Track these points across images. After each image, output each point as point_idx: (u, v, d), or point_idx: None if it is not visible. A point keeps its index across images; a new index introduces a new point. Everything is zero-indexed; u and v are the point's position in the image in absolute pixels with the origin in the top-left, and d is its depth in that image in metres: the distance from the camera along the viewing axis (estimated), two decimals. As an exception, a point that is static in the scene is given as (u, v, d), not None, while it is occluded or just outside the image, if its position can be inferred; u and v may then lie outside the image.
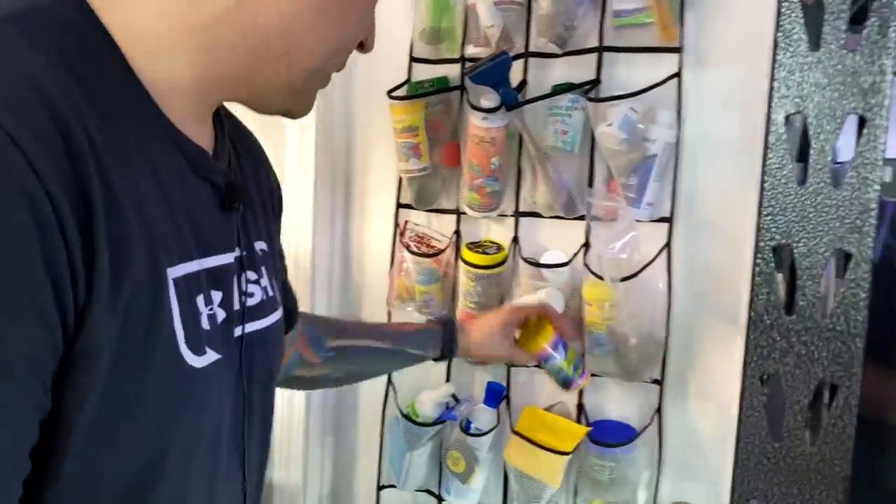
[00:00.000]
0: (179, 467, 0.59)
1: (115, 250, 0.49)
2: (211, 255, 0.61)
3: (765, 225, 0.46)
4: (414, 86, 1.33)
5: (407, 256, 1.36)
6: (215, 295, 0.62)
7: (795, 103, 0.45)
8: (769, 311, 0.45)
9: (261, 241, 0.73)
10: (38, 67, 0.49)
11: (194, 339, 0.57)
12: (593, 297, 1.22)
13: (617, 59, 1.23)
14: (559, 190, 1.25)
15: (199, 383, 0.58)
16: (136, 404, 0.53)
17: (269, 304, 0.73)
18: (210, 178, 0.63)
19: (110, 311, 0.49)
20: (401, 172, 1.36)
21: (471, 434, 1.33)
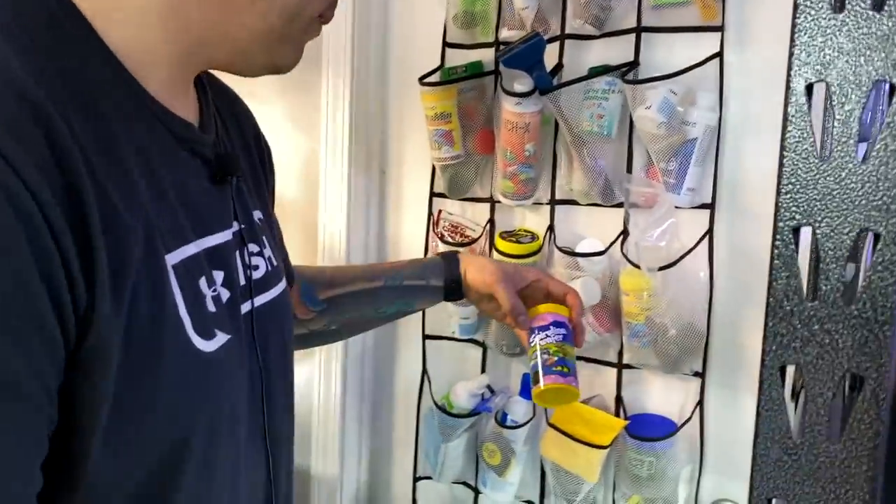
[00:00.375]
0: (202, 455, 0.58)
1: (112, 247, 0.48)
2: (208, 234, 0.60)
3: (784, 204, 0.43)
4: (447, 71, 1.31)
5: (441, 246, 1.34)
6: (217, 275, 0.60)
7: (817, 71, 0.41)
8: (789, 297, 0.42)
9: (257, 210, 0.71)
10: (8, 57, 0.47)
11: (202, 323, 0.56)
12: (631, 287, 1.18)
13: (655, 40, 1.19)
14: (596, 176, 1.21)
15: (212, 368, 0.57)
16: (151, 400, 0.52)
17: (275, 274, 0.71)
18: (198, 152, 0.61)
19: (114, 311, 0.48)
20: (433, 160, 1.34)
21: (506, 426, 1.31)
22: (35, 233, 0.43)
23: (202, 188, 0.61)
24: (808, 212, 0.44)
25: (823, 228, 0.44)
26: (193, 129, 0.61)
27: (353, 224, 1.43)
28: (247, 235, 0.67)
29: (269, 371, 0.68)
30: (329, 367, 1.46)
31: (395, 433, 1.53)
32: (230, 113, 0.74)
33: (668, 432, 1.22)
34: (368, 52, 1.40)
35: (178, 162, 0.59)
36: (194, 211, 0.59)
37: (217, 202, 0.63)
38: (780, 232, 0.44)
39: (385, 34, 1.42)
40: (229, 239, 0.63)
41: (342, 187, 1.42)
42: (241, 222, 0.66)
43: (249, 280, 0.66)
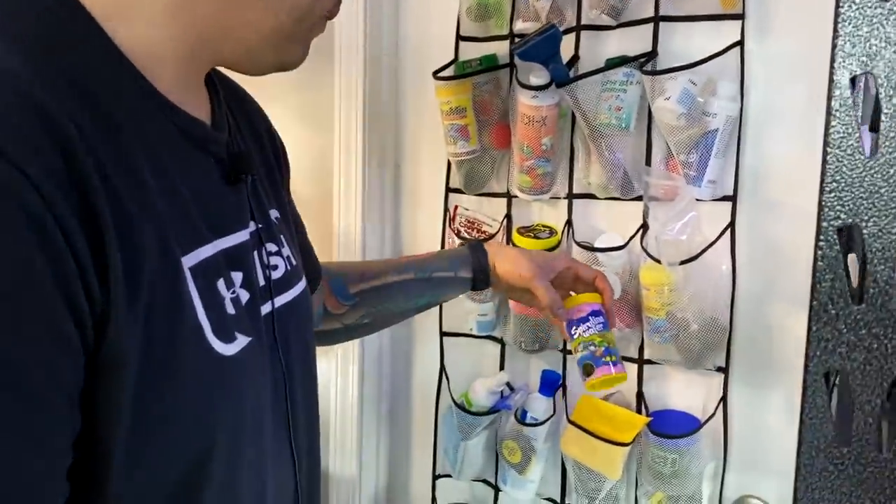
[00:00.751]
0: (227, 460, 0.57)
1: (126, 251, 0.47)
2: (225, 234, 0.59)
3: (828, 202, 0.40)
4: (461, 65, 1.29)
5: (457, 242, 1.32)
6: (236, 276, 0.59)
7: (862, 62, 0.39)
8: (834, 300, 0.40)
9: (273, 209, 0.70)
10: (12, 61, 0.46)
11: (221, 326, 0.55)
12: (651, 282, 1.16)
13: (674, 29, 1.16)
14: (614, 169, 1.19)
15: (233, 371, 0.56)
16: (173, 406, 0.51)
17: (294, 273, 0.70)
18: (211, 151, 0.60)
19: (131, 316, 0.47)
20: (449, 155, 1.32)
21: (526, 424, 1.30)
22: (48, 238, 0.43)
23: (216, 188, 0.60)
24: (854, 210, 0.42)
25: (871, 228, 0.42)
26: (206, 127, 0.60)
27: (368, 220, 1.42)
28: (264, 235, 0.66)
29: (292, 372, 0.67)
30: (346, 366, 1.45)
31: (413, 431, 1.52)
32: (242, 111, 0.73)
33: (692, 429, 1.20)
34: (381, 46, 1.38)
35: (191, 161, 0.58)
36: (209, 211, 0.57)
37: (232, 202, 0.62)
38: (824, 232, 0.42)
39: (397, 28, 1.40)
40: (246, 239, 0.62)
41: (357, 183, 1.40)
42: (258, 222, 0.65)
43: (269, 281, 0.64)
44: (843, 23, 0.38)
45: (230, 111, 0.68)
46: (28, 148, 0.43)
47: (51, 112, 0.45)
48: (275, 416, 0.64)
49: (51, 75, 0.47)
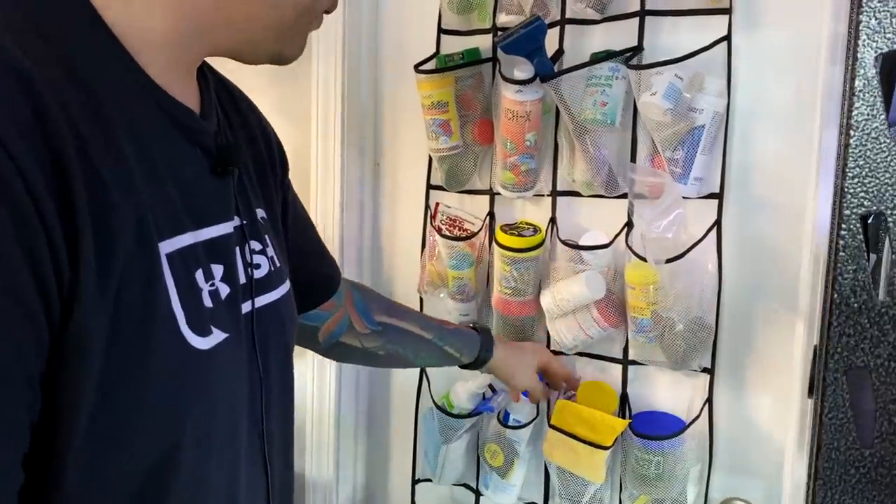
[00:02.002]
0: (195, 460, 0.55)
1: (99, 229, 0.45)
2: (207, 225, 0.57)
3: (850, 189, 0.38)
4: (443, 59, 1.26)
5: (438, 240, 1.29)
6: (216, 269, 0.57)
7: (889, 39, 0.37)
8: (857, 293, 0.38)
9: (260, 208, 0.69)
10: (7, 38, 0.45)
11: (196, 318, 0.53)
12: (637, 280, 1.14)
13: (660, 24, 1.14)
14: (599, 166, 1.16)
15: (206, 367, 0.54)
16: (139, 396, 0.49)
17: (278, 275, 0.69)
18: (198, 141, 0.59)
19: (99, 296, 0.45)
20: (430, 151, 1.29)
21: (509, 426, 1.27)
22: (19, 209, 0.41)
23: (201, 178, 0.59)
24: (879, 197, 0.40)
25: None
26: (194, 116, 0.58)
27: (346, 218, 1.38)
28: (248, 232, 0.64)
29: (269, 374, 0.65)
30: (323, 366, 1.41)
31: (392, 434, 1.48)
32: (233, 107, 0.72)
33: (676, 430, 1.18)
34: (360, 38, 1.35)
35: (177, 149, 0.56)
36: (192, 200, 0.56)
37: (217, 194, 0.60)
38: (846, 220, 0.40)
39: (377, 20, 1.37)
40: (230, 232, 0.60)
41: (335, 179, 1.37)
42: (243, 217, 0.63)
43: (251, 279, 0.63)
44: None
45: (221, 106, 0.67)
46: (3, 113, 0.42)
47: (31, 80, 0.44)
48: (250, 419, 0.62)
49: (38, 50, 0.46)
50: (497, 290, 1.24)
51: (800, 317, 1.10)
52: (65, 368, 0.45)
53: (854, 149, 0.38)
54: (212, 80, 0.66)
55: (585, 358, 1.26)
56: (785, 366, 1.13)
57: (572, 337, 1.20)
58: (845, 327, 0.40)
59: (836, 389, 0.40)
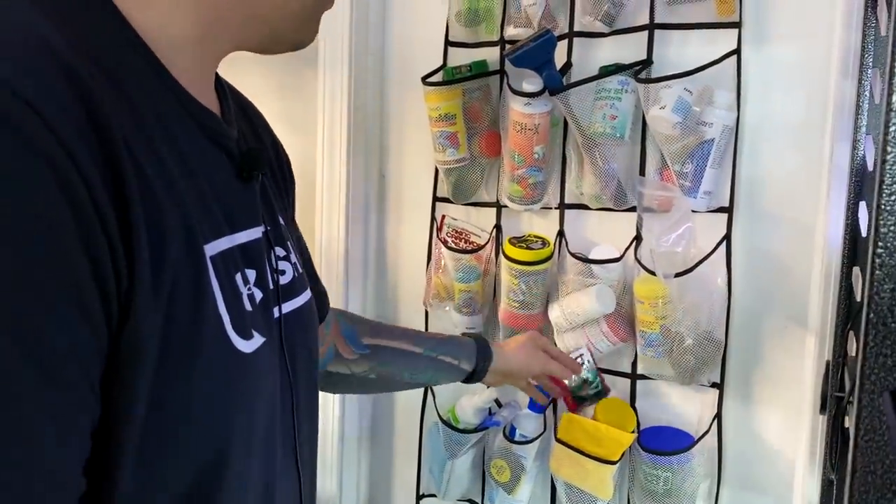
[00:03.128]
0: (240, 460, 0.54)
1: (151, 228, 0.45)
2: (240, 229, 0.56)
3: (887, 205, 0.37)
4: (450, 71, 1.25)
5: (445, 253, 1.28)
6: (250, 273, 0.57)
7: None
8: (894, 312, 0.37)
9: (280, 215, 0.69)
10: (48, 29, 0.44)
11: (240, 322, 0.52)
12: (646, 295, 1.13)
13: (669, 37, 1.14)
14: (608, 179, 1.16)
15: (250, 369, 0.54)
16: (189, 401, 0.49)
17: (300, 281, 0.68)
18: (224, 145, 0.58)
19: (153, 298, 0.45)
20: (437, 164, 1.28)
21: (515, 441, 1.26)
22: (78, 203, 0.40)
23: (229, 182, 0.58)
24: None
25: (937, 233, 0.39)
26: (218, 119, 0.58)
27: (351, 230, 1.37)
28: (274, 238, 0.63)
29: (298, 380, 0.65)
30: (327, 380, 1.40)
31: (396, 449, 1.47)
32: (245, 117, 0.71)
33: (685, 446, 1.17)
34: (367, 51, 1.35)
35: (206, 152, 0.55)
36: (225, 204, 0.55)
37: (245, 199, 0.60)
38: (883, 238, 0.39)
39: (384, 32, 1.36)
40: (259, 237, 0.60)
41: (340, 192, 1.36)
42: (267, 224, 0.63)
43: (277, 284, 0.62)
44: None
45: (235, 116, 0.66)
46: (57, 105, 0.41)
47: (81, 77, 0.43)
48: (283, 420, 0.62)
49: (78, 48, 0.45)
50: (504, 303, 1.23)
51: (810, 332, 1.10)
52: (119, 374, 0.44)
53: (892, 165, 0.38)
54: (228, 90, 0.66)
55: (593, 372, 1.25)
56: (795, 381, 1.12)
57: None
58: (882, 347, 0.39)
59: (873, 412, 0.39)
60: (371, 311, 1.43)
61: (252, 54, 0.62)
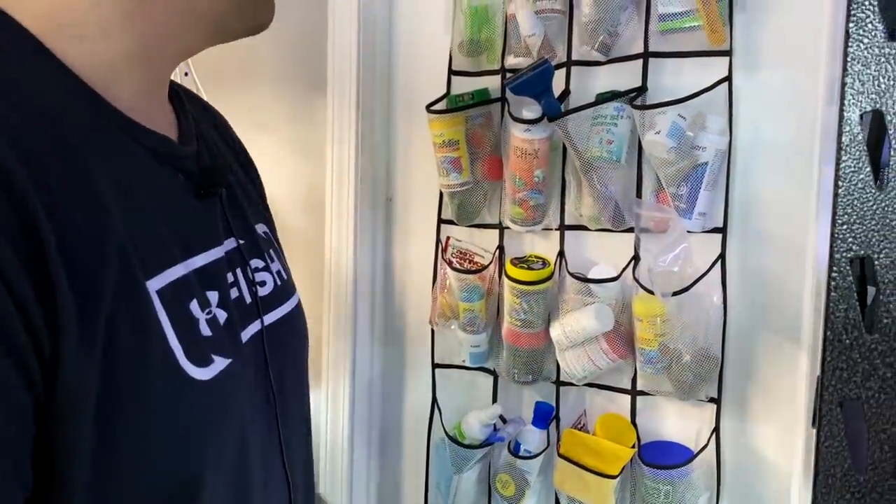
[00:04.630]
0: (210, 488, 0.53)
1: (76, 285, 0.44)
2: (196, 253, 0.56)
3: (840, 235, 0.41)
4: (454, 99, 1.30)
5: (449, 273, 1.32)
6: (211, 295, 0.56)
7: (872, 99, 0.41)
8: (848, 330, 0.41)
9: (260, 223, 0.68)
10: None
11: (195, 350, 0.52)
12: (644, 313, 1.17)
13: (663, 65, 1.19)
14: (606, 202, 1.20)
15: (210, 396, 0.53)
16: (145, 437, 0.48)
17: (284, 289, 0.68)
18: (180, 167, 0.57)
19: (84, 351, 0.44)
20: (441, 187, 1.33)
21: (520, 456, 1.29)
22: None
23: (187, 205, 0.57)
24: (867, 242, 0.43)
25: (882, 259, 0.43)
26: (171, 142, 0.57)
27: (360, 252, 1.42)
28: (248, 251, 0.63)
29: (285, 393, 0.64)
30: (337, 397, 1.44)
31: (404, 464, 1.50)
32: (211, 125, 0.70)
33: (685, 460, 1.20)
34: (374, 79, 1.40)
35: (158, 180, 0.55)
36: (179, 231, 0.54)
37: (204, 219, 0.59)
38: (837, 263, 0.43)
39: (390, 62, 1.42)
40: (221, 256, 0.59)
41: (348, 215, 1.41)
42: (239, 237, 0.62)
43: (256, 297, 0.62)
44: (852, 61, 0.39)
45: (197, 125, 0.65)
46: None
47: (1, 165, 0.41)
48: (265, 439, 0.61)
49: (12, 103, 0.45)
50: (507, 321, 1.27)
51: (802, 348, 1.13)
52: (57, 432, 0.44)
53: (842, 198, 0.42)
54: (185, 98, 0.64)
55: (594, 388, 1.29)
56: (789, 396, 1.16)
57: (581, 368, 1.23)
58: (839, 362, 0.42)
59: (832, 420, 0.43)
60: (379, 331, 1.47)
61: (262, 84, 0.61)
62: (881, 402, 0.43)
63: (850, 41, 0.42)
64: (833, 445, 0.44)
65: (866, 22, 0.42)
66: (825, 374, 0.43)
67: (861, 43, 0.42)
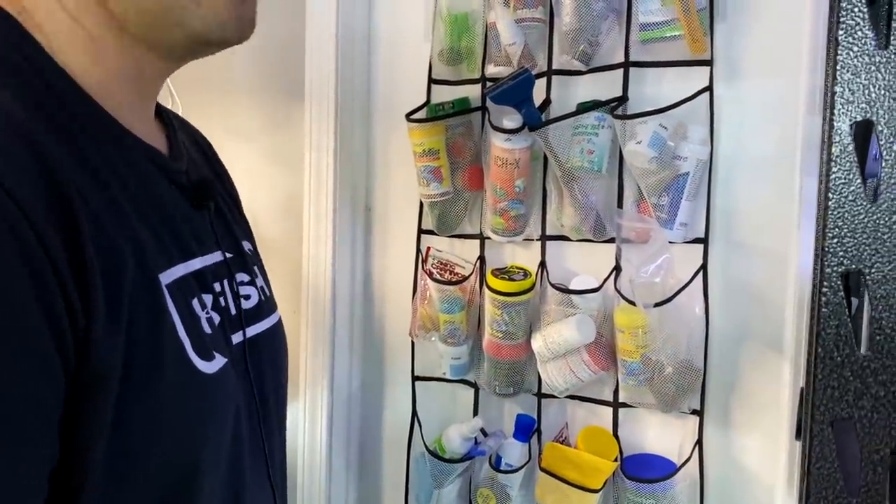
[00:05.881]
0: (209, 478, 0.56)
1: (105, 266, 0.47)
2: (193, 256, 0.59)
3: (831, 248, 0.40)
4: (434, 108, 1.29)
5: (430, 284, 1.31)
6: (206, 298, 0.59)
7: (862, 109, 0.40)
8: (839, 347, 0.40)
9: (246, 240, 0.71)
10: (9, 101, 0.48)
11: (200, 344, 0.54)
12: (626, 324, 1.16)
13: (644, 75, 1.18)
14: (587, 212, 1.19)
15: (214, 389, 0.56)
16: (155, 423, 0.51)
17: (267, 304, 0.70)
18: (174, 180, 0.61)
19: (111, 331, 0.47)
20: (422, 197, 1.31)
21: (501, 470, 1.27)
22: (30, 256, 0.43)
23: (182, 212, 0.60)
24: (858, 256, 0.42)
25: (874, 274, 0.42)
26: (164, 157, 0.60)
27: (338, 263, 1.39)
28: (234, 264, 0.65)
29: (267, 404, 0.66)
30: (315, 410, 1.41)
31: (383, 479, 1.48)
32: (194, 143, 0.73)
33: (668, 473, 1.19)
34: (353, 88, 1.38)
35: (158, 187, 0.58)
36: (177, 234, 0.58)
37: (199, 227, 0.62)
38: (828, 278, 0.42)
39: (369, 70, 1.40)
40: (212, 263, 0.62)
41: (327, 225, 1.39)
42: (228, 251, 0.65)
43: (240, 310, 0.64)
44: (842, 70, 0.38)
45: (184, 145, 0.68)
46: (16, 172, 0.44)
47: (38, 142, 0.47)
48: (251, 447, 0.63)
49: (27, 107, 0.49)
50: (488, 333, 1.25)
51: (785, 359, 1.13)
52: (83, 406, 0.46)
53: (833, 211, 0.40)
54: (171, 118, 0.67)
55: (576, 401, 1.27)
56: (772, 407, 1.15)
57: (563, 380, 1.22)
58: (829, 380, 0.41)
59: (823, 440, 0.41)
60: (358, 343, 1.45)
61: (239, 92, 0.63)
62: (874, 422, 0.41)
63: (840, 49, 0.41)
64: (824, 467, 0.42)
65: (856, 30, 0.41)
66: (815, 392, 0.41)
67: (850, 51, 0.41)
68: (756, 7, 1.12)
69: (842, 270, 0.42)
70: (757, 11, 1.12)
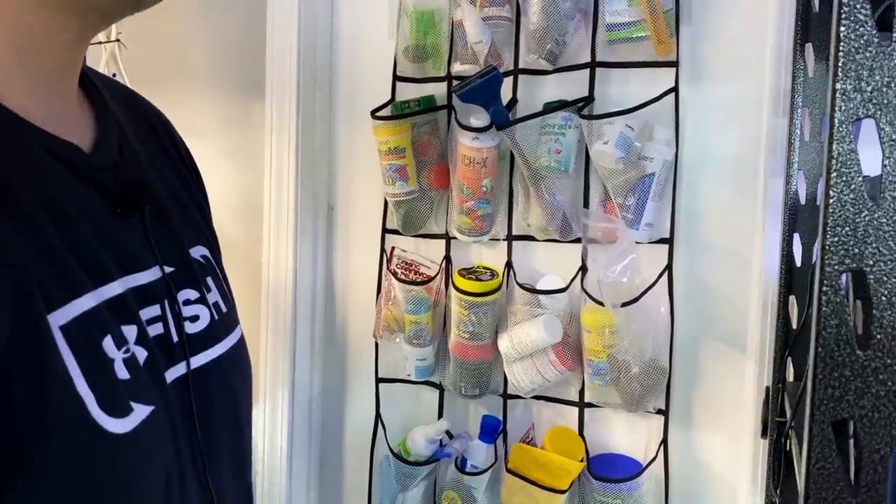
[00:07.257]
0: None
1: None
2: (109, 280, 0.47)
3: (832, 247, 0.40)
4: (399, 105, 1.27)
5: (395, 284, 1.29)
6: (128, 331, 0.47)
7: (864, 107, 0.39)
8: (840, 347, 0.40)
9: (199, 245, 0.59)
10: None
11: (110, 397, 0.44)
12: (593, 324, 1.16)
13: (610, 75, 1.18)
14: (553, 212, 1.19)
15: (129, 453, 0.45)
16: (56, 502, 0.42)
17: (223, 324, 0.58)
18: (93, 179, 0.49)
19: None
20: (387, 196, 1.29)
21: (467, 472, 1.26)
22: None
23: (101, 224, 0.48)
24: (860, 256, 0.42)
25: (876, 273, 0.42)
26: (79, 151, 0.48)
27: (300, 263, 1.37)
28: (179, 279, 0.54)
29: (213, 445, 0.55)
30: (275, 413, 1.38)
31: (346, 483, 1.45)
32: (147, 126, 0.61)
33: (634, 472, 1.19)
34: (315, 84, 1.35)
35: (66, 194, 0.46)
36: (89, 254, 0.46)
37: (125, 238, 0.50)
38: (829, 277, 0.41)
39: (332, 66, 1.37)
40: (143, 283, 0.51)
41: (288, 224, 1.36)
42: (168, 263, 0.53)
43: (183, 336, 0.53)
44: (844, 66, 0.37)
45: (121, 128, 0.56)
46: None
47: None
48: (193, 490, 0.53)
49: None
50: (454, 334, 1.24)
51: (749, 358, 1.14)
52: None
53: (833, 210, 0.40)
54: (110, 96, 0.56)
55: (542, 401, 1.27)
56: (736, 406, 1.16)
57: (530, 380, 1.21)
58: (829, 380, 0.41)
59: (823, 441, 0.41)
60: (320, 345, 1.42)
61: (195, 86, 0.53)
62: (875, 422, 0.41)
63: (841, 45, 0.41)
64: (824, 467, 0.42)
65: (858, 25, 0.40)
66: (815, 392, 0.41)
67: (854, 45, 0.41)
68: (721, 10, 1.13)
69: (842, 270, 0.42)
70: (722, 14, 1.13)
